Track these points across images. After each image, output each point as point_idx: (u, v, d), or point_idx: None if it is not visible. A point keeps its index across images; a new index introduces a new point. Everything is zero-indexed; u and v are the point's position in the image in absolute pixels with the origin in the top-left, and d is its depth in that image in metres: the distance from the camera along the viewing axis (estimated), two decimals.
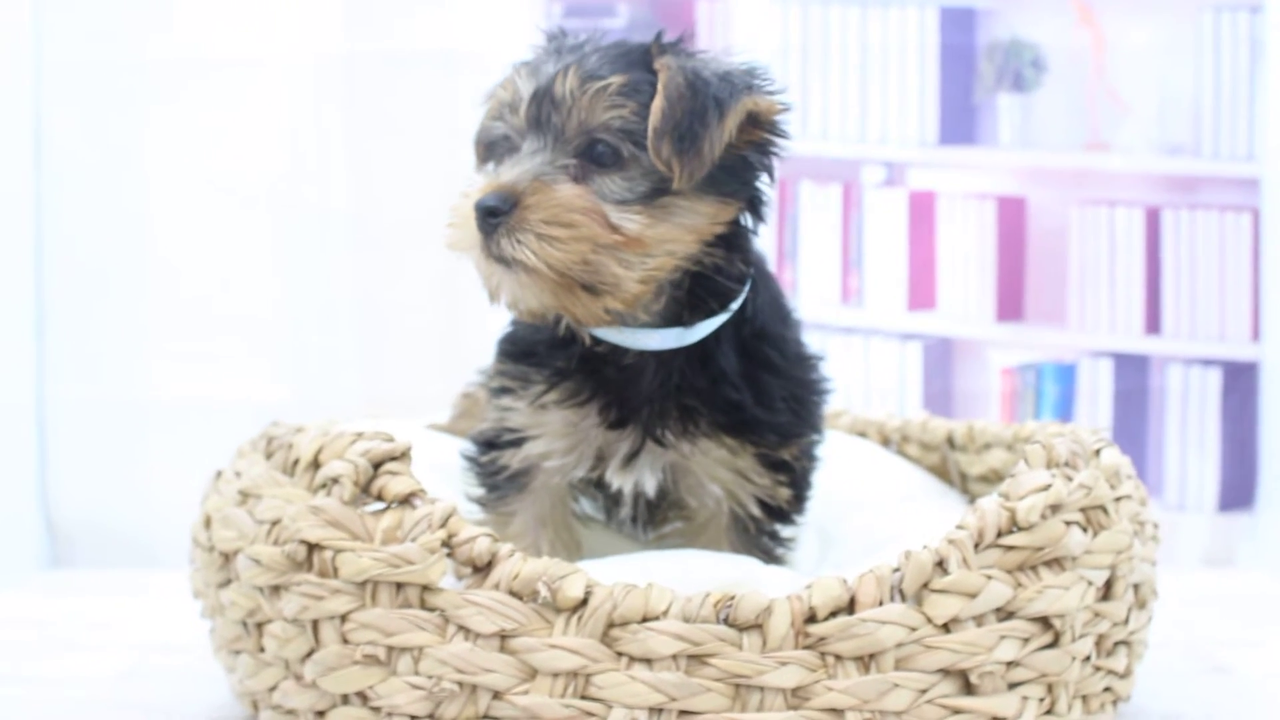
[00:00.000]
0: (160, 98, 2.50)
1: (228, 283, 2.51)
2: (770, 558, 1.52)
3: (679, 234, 1.40)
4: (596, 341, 1.46)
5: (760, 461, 1.49)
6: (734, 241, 1.46)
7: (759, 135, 1.43)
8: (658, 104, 1.36)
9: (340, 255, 2.50)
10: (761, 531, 1.53)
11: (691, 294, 1.45)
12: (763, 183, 1.47)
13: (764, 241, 2.49)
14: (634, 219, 1.37)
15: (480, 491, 1.54)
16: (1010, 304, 2.53)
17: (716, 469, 1.49)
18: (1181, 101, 2.48)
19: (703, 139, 1.36)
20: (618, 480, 1.50)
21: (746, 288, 1.48)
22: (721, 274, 1.45)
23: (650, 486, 1.50)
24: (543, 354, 1.49)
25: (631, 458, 1.48)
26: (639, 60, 1.41)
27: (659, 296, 1.43)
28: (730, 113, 1.38)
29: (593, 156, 1.39)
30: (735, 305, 1.47)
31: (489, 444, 1.52)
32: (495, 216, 1.35)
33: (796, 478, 1.53)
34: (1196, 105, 2.48)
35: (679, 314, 1.45)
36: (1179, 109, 2.48)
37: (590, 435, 1.48)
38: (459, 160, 2.50)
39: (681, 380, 1.46)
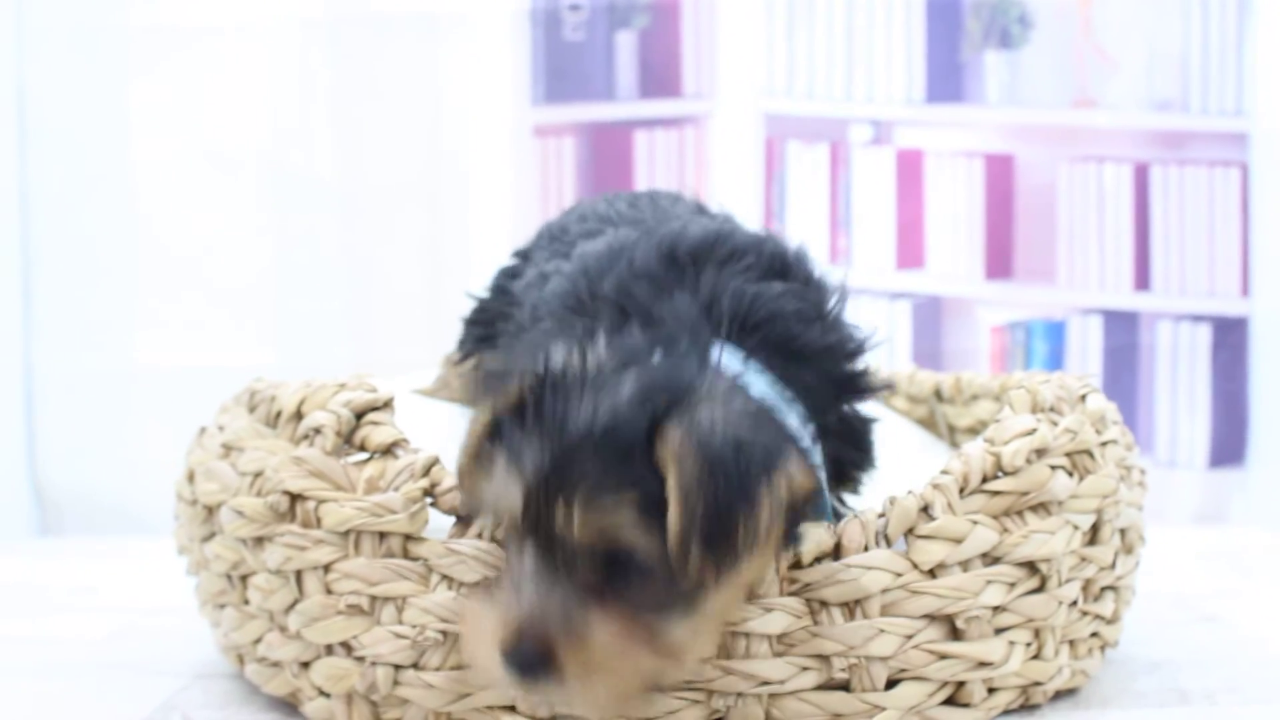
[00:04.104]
0: (144, 64, 2.50)
1: (213, 249, 2.51)
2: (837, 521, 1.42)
3: (731, 604, 1.26)
4: None
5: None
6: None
7: (797, 500, 1.22)
8: (673, 513, 1.15)
9: (325, 220, 2.49)
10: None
11: None
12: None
13: (751, 204, 2.51)
14: (681, 628, 1.20)
15: None
16: (999, 262, 2.53)
17: None
18: (1169, 57, 2.47)
19: (736, 539, 1.16)
20: None
21: None
22: None
23: None
24: None
25: None
26: (644, 447, 1.17)
27: None
28: (761, 504, 1.17)
29: (615, 568, 1.18)
30: None
31: None
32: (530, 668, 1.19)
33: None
34: (1184, 60, 2.47)
35: None
36: (1167, 64, 2.47)
37: None
38: (442, 124, 2.53)
39: None
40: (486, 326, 1.76)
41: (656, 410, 1.18)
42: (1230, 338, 2.47)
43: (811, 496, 1.24)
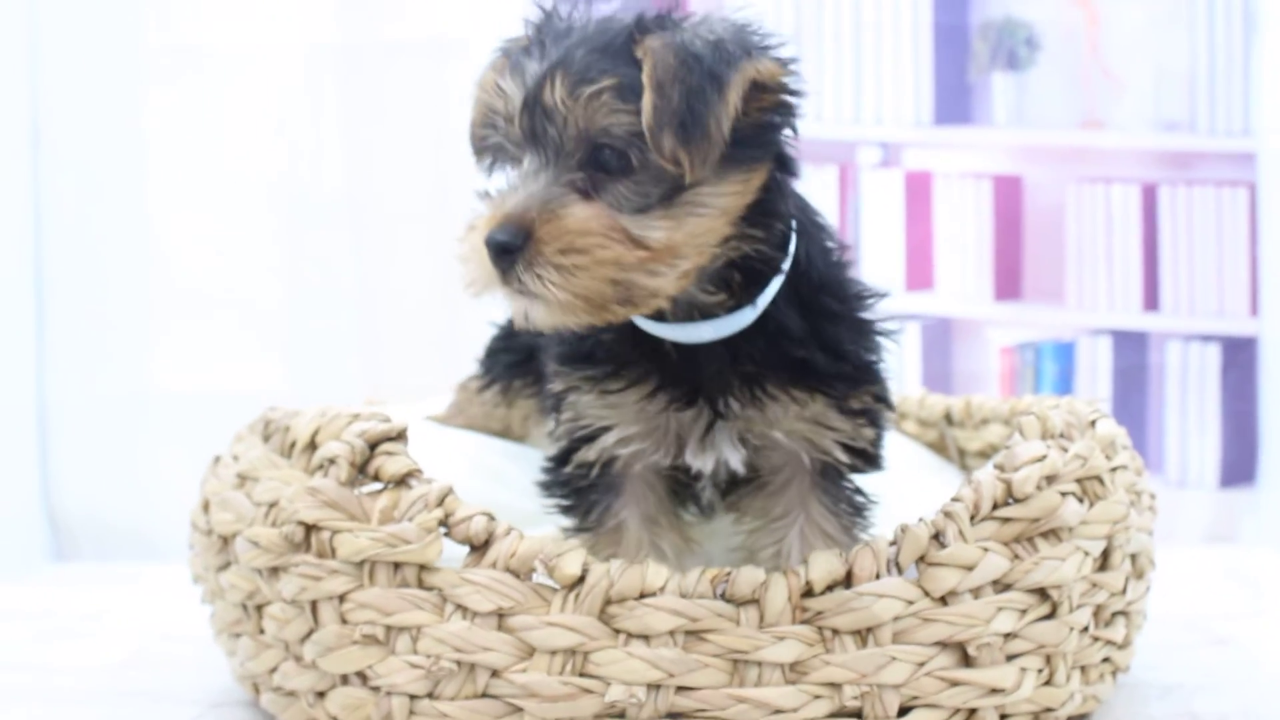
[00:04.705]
0: (157, 88, 2.51)
1: (225, 273, 2.52)
2: (858, 516, 1.44)
3: (708, 225, 1.31)
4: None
5: (834, 407, 1.41)
6: (769, 205, 1.35)
7: (770, 99, 1.31)
8: (647, 97, 1.26)
9: (336, 243, 2.50)
10: (845, 485, 1.44)
11: (740, 268, 1.36)
12: (787, 137, 1.35)
13: None
14: (656, 227, 1.29)
15: (575, 519, 1.44)
16: (1008, 283, 2.53)
17: (791, 422, 1.40)
18: (1176, 77, 2.48)
19: (707, 121, 1.26)
20: (700, 462, 1.41)
21: (794, 241, 1.38)
22: (764, 243, 1.36)
23: (736, 461, 1.41)
24: (600, 352, 1.42)
25: (708, 434, 1.40)
26: (629, 46, 1.30)
27: (704, 283, 1.35)
28: (731, 85, 1.27)
29: (599, 164, 1.29)
30: (787, 265, 1.38)
31: (567, 453, 1.44)
32: (509, 252, 1.27)
33: (875, 417, 1.44)
34: (1192, 81, 2.48)
35: (731, 291, 1.37)
36: (1174, 85, 2.48)
37: (663, 419, 1.41)
38: (451, 148, 2.52)
39: (744, 348, 1.39)
40: (517, 353, 1.76)
41: (644, 25, 1.32)
42: (1240, 357, 2.48)
43: (783, 83, 1.32)
